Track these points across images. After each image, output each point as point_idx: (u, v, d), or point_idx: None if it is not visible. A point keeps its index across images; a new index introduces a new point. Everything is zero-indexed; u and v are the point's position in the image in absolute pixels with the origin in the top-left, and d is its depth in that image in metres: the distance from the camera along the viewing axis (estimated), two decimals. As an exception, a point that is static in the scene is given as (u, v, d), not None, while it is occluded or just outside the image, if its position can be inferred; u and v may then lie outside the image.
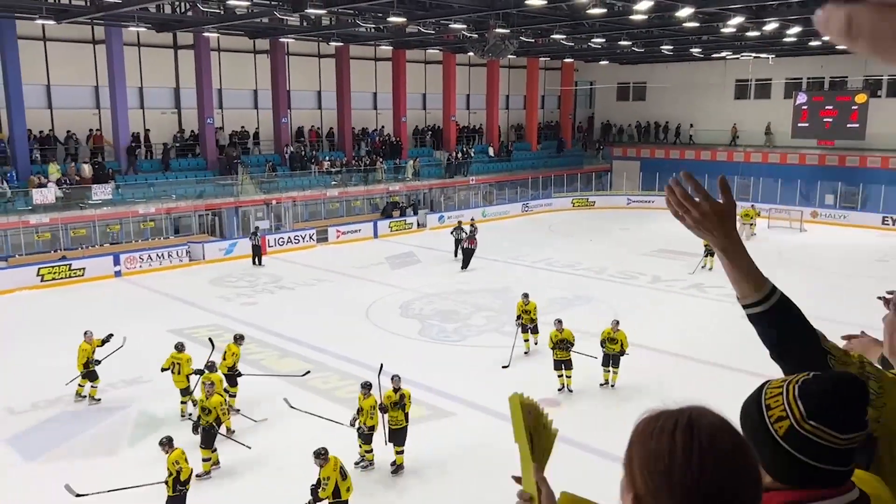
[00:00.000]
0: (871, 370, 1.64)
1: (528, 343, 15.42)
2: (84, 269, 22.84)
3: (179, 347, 12.73)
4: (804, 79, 37.67)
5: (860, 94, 34.12)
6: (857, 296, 15.09)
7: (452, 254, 25.48)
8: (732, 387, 1.52)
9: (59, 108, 27.61)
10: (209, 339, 13.40)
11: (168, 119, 30.35)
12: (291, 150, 31.63)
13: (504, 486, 1.62)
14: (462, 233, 25.16)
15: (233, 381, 12.83)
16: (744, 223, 28.96)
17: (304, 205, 30.58)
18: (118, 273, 23.40)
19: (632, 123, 43.73)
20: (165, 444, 9.48)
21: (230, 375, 12.72)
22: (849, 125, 34.34)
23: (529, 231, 31.74)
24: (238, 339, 13.18)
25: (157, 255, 24.51)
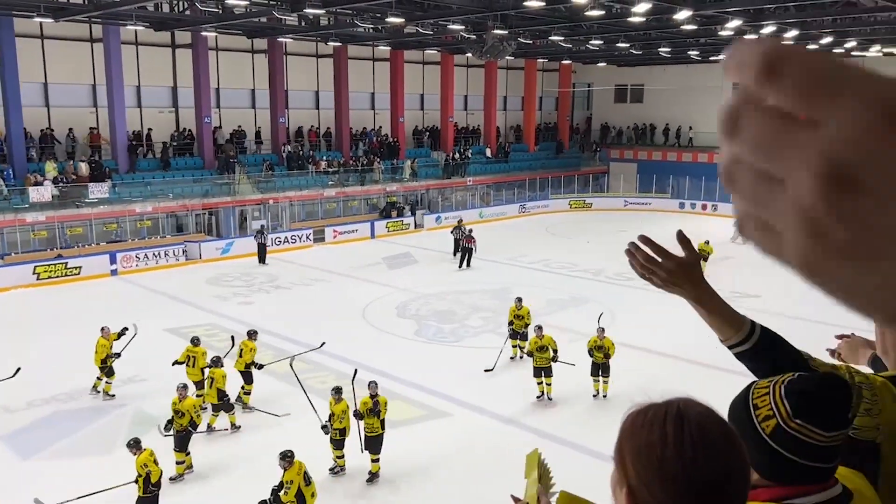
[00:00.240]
0: (861, 379, 1.67)
1: (516, 349, 15.10)
2: (80, 268, 22.80)
3: (195, 342, 12.99)
4: (801, 82, 37.70)
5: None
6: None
7: (452, 253, 25.56)
8: (729, 389, 1.53)
9: (57, 107, 27.57)
10: (231, 337, 13.48)
11: (165, 118, 30.32)
12: (289, 150, 31.63)
13: (500, 485, 1.64)
14: (461, 232, 25.29)
15: (248, 378, 12.90)
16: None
17: (301, 204, 30.56)
18: (114, 272, 23.36)
19: (629, 125, 43.80)
20: (133, 446, 9.34)
21: (246, 372, 12.80)
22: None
23: (526, 232, 31.76)
24: (252, 335, 13.25)
25: (154, 254, 24.47)
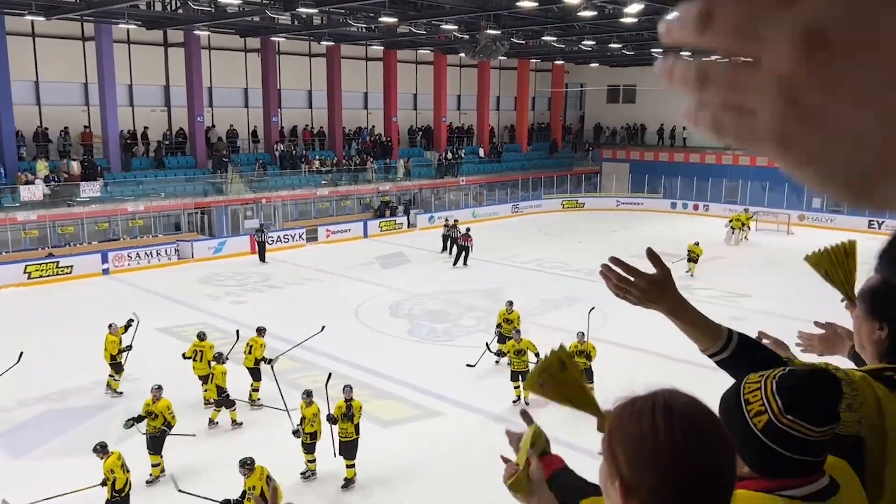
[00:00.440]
0: (841, 375, 1.69)
1: (500, 354, 14.90)
2: (72, 267, 22.72)
3: (202, 336, 13.18)
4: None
5: (848, 99, 34.37)
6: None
7: (447, 251, 25.87)
8: (719, 387, 1.56)
9: (48, 105, 27.45)
10: (236, 332, 13.78)
11: (157, 117, 30.24)
12: (281, 149, 31.58)
13: (497, 484, 1.66)
14: (456, 231, 25.55)
15: (257, 375, 13.02)
16: (733, 228, 29.10)
17: (294, 204, 30.53)
18: (106, 271, 23.28)
19: (622, 126, 43.91)
20: (99, 451, 9.11)
21: (255, 369, 12.96)
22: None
23: (519, 232, 31.81)
24: (261, 332, 13.37)
25: (146, 253, 24.41)
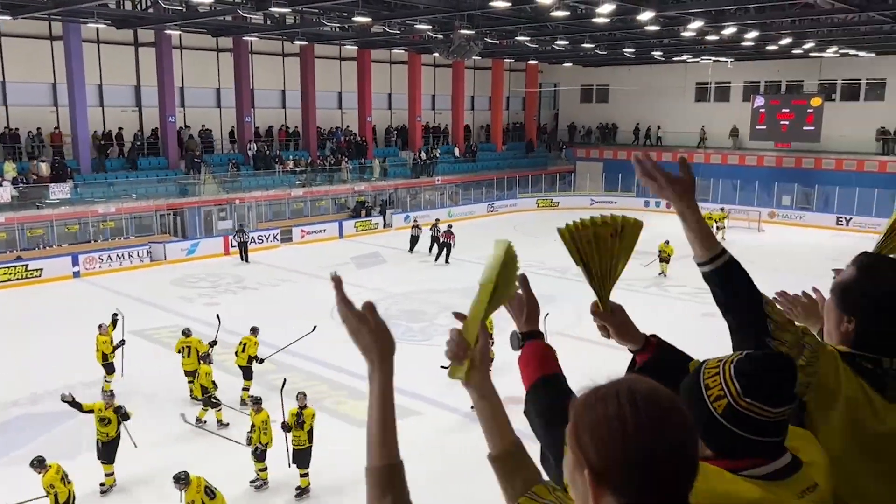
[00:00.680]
0: (810, 340, 1.77)
1: None
2: (41, 270, 22.36)
3: (187, 332, 13.29)
4: (762, 82, 38.49)
5: (815, 98, 34.98)
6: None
7: (428, 249, 26.20)
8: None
9: (15, 106, 26.97)
10: (216, 315, 14.09)
11: (129, 117, 29.85)
12: (255, 149, 31.35)
13: (471, 482, 1.66)
14: (437, 230, 26.00)
15: (248, 374, 13.08)
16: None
17: (269, 204, 30.32)
18: (77, 274, 22.95)
19: (595, 125, 44.22)
20: (37, 466, 8.76)
21: (247, 368, 13.04)
22: (805, 128, 35.18)
23: (495, 231, 31.85)
24: (255, 331, 13.43)
25: (118, 256, 24.09)
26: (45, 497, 8.82)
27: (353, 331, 1.32)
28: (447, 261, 24.87)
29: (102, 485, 10.25)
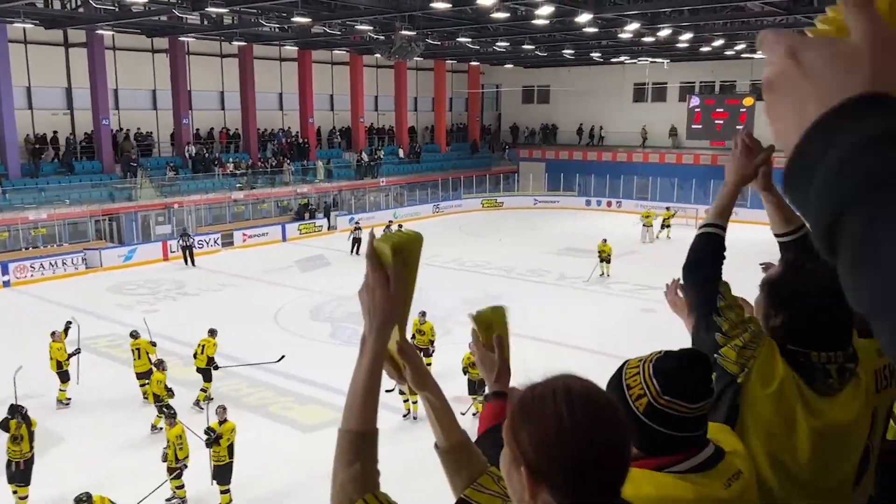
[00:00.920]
0: (754, 326, 1.85)
1: None
2: (-32, 280, 21.45)
3: (135, 335, 13.22)
4: (697, 83, 39.57)
5: (748, 98, 36.13)
6: (745, 290, 15.93)
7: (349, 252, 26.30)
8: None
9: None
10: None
11: (60, 120, 28.84)
12: (194, 152, 30.68)
13: (422, 488, 1.66)
14: (360, 232, 26.21)
15: (208, 376, 12.93)
16: (645, 225, 30.00)
17: (208, 208, 29.71)
18: (7, 283, 22.10)
19: (537, 126, 44.73)
20: None
21: (206, 370, 12.89)
22: (738, 127, 36.26)
23: (440, 232, 31.90)
24: (213, 333, 13.30)
25: (51, 264, 23.27)
26: None
27: (370, 287, 1.32)
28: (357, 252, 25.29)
29: None
